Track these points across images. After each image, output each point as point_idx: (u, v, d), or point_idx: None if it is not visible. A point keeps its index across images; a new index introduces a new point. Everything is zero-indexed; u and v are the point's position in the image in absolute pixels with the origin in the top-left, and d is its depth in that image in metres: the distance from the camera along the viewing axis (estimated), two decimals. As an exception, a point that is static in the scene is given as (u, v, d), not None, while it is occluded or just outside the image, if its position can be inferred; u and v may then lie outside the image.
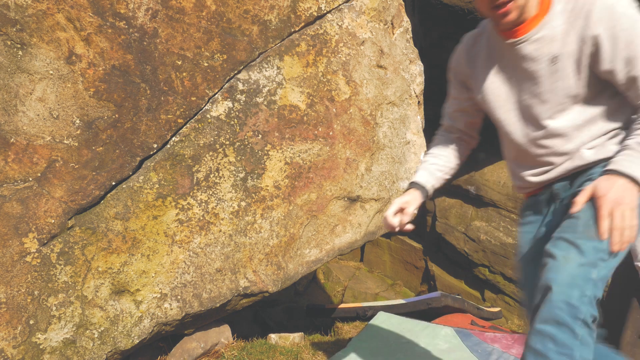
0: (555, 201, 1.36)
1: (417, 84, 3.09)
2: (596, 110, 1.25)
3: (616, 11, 1.14)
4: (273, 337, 2.74)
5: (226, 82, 2.38)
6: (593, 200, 1.11)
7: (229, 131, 2.38)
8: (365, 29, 2.78)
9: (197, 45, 2.30)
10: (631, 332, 2.33)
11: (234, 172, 2.39)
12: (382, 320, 2.84)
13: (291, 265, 2.53)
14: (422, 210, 6.34)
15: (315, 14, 2.59)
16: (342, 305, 3.92)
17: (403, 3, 3.04)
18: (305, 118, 2.56)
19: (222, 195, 2.36)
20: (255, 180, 2.44)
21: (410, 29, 3.09)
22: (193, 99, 2.30)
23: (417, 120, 3.05)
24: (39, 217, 2.00)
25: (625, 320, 2.36)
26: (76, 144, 2.07)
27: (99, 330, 2.07)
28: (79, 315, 2.04)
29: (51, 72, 2.03)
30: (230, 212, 2.37)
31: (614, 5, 1.15)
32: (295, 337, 2.76)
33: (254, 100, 2.44)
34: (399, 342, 2.52)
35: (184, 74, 2.27)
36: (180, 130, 2.28)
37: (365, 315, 3.51)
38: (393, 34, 2.97)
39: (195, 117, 2.31)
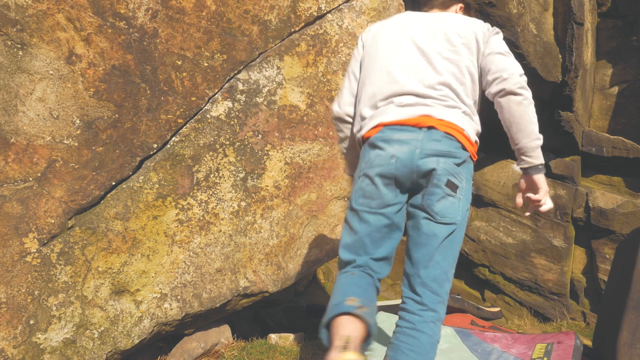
0: None
1: (417, 84, 3.08)
2: None
3: None
4: (273, 337, 2.74)
5: (226, 82, 2.38)
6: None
7: (229, 131, 2.38)
8: (366, 29, 2.78)
9: (197, 45, 2.30)
10: (627, 333, 2.32)
11: (234, 172, 2.39)
12: (382, 320, 2.83)
13: (291, 265, 2.53)
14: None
15: (315, 14, 2.59)
16: (342, 305, 3.90)
17: (403, 3, 3.03)
18: (305, 118, 2.56)
19: (222, 196, 2.36)
20: (255, 180, 2.44)
21: (410, 29, 3.08)
22: (193, 99, 2.30)
23: (417, 120, 3.05)
24: (39, 217, 2.00)
25: (621, 321, 2.34)
26: (76, 144, 2.07)
27: (99, 330, 2.07)
28: (79, 315, 2.04)
29: (51, 72, 2.03)
30: (230, 212, 2.37)
31: None
32: (295, 337, 2.76)
33: (254, 100, 2.44)
34: (399, 342, 2.52)
35: (184, 74, 2.27)
36: (180, 130, 2.28)
37: (365, 315, 3.50)
38: (393, 34, 2.97)
39: (195, 117, 2.31)
